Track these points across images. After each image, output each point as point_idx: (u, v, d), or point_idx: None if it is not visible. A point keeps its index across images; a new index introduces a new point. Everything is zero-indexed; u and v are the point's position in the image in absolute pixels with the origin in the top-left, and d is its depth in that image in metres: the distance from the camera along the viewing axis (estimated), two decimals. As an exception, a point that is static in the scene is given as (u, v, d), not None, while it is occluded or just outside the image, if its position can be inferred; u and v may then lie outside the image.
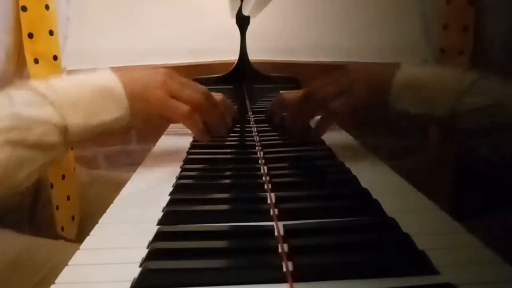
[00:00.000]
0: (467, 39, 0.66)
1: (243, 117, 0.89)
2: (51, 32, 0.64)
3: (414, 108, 0.55)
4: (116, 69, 0.54)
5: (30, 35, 0.62)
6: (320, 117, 0.61)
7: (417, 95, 0.55)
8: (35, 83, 0.50)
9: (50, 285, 0.31)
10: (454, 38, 0.67)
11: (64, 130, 0.49)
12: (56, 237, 0.69)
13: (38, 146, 0.47)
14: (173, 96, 0.55)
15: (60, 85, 0.50)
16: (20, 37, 0.61)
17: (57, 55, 0.65)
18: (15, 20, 0.61)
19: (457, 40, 0.66)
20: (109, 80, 0.52)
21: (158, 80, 0.55)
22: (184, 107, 0.55)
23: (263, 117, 0.85)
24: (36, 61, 0.63)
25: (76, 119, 0.49)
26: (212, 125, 0.61)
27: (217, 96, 0.78)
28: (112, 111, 0.52)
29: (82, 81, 0.52)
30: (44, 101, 0.48)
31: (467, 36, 0.66)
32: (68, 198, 0.70)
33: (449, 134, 0.61)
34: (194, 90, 0.57)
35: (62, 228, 0.69)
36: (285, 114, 0.73)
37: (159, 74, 0.56)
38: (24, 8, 0.60)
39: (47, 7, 0.62)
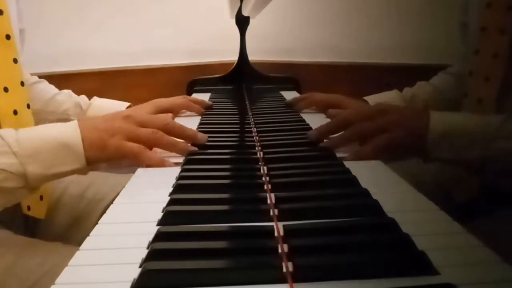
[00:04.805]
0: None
1: (243, 117, 0.90)
2: (0, 12, 0.65)
3: (447, 155, 0.60)
4: (81, 120, 0.60)
5: None
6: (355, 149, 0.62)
7: (450, 143, 0.59)
8: (5, 131, 0.56)
9: None
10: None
11: (23, 177, 0.54)
12: (22, 217, 0.71)
13: None
14: (129, 138, 0.59)
15: (26, 137, 0.55)
16: None
17: (10, 34, 0.66)
18: None
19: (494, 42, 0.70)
20: (71, 135, 0.57)
21: (115, 127, 0.59)
22: (134, 149, 0.59)
23: (263, 117, 0.85)
24: None
25: (35, 169, 0.55)
26: (173, 149, 0.62)
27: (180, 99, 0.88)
28: (69, 164, 0.57)
29: (46, 134, 0.57)
30: (8, 150, 0.54)
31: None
32: None
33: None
34: (151, 125, 0.61)
35: (29, 208, 0.70)
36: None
37: (116, 120, 0.60)
38: None
39: None
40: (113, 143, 0.58)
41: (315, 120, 0.78)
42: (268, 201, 0.45)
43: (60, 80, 1.02)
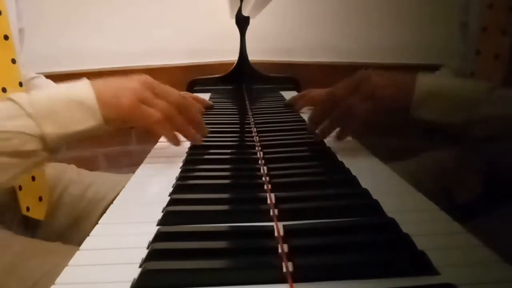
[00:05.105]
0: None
1: (243, 117, 0.90)
2: None
3: (432, 116, 0.58)
4: (92, 79, 0.57)
5: None
6: (342, 122, 0.63)
7: (436, 103, 0.58)
8: (16, 95, 0.54)
9: None
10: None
11: (41, 139, 0.53)
12: (22, 217, 0.70)
13: (17, 154, 0.52)
14: (145, 103, 0.57)
15: (38, 98, 0.54)
16: None
17: (8, 35, 0.66)
18: None
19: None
20: (84, 91, 0.55)
21: (130, 87, 0.57)
22: (156, 114, 0.57)
23: (263, 117, 0.85)
24: None
25: (52, 129, 0.53)
26: (184, 132, 0.62)
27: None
28: (86, 121, 0.55)
29: (59, 93, 0.55)
30: (23, 113, 0.52)
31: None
32: (33, 178, 0.70)
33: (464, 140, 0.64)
34: (166, 98, 0.59)
35: (28, 208, 0.70)
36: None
37: (132, 82, 0.58)
38: None
39: None
40: (128, 102, 0.56)
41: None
42: (268, 201, 0.45)
43: (60, 80, 1.01)
